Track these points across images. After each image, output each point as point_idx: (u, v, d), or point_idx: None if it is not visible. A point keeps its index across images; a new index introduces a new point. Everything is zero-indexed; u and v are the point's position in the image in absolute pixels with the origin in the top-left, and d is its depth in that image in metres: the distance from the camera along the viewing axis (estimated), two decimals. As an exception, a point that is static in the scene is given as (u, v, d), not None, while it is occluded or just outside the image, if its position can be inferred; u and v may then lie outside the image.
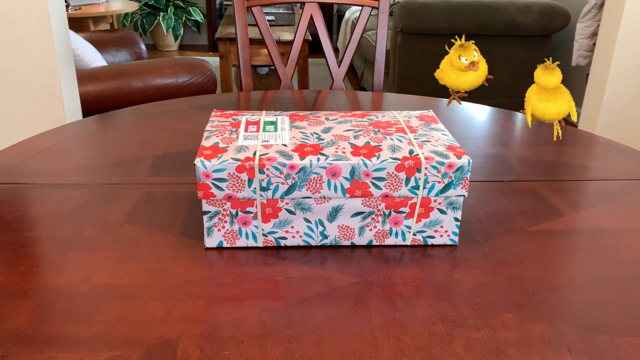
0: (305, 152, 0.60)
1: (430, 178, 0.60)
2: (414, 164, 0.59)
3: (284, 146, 0.62)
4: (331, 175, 0.59)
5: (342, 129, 0.67)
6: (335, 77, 1.43)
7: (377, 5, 1.42)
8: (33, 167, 0.84)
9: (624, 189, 0.83)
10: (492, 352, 0.49)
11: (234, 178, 0.59)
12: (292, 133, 0.65)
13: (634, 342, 0.51)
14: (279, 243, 0.63)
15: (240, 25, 1.39)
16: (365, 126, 0.69)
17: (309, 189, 0.60)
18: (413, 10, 2.93)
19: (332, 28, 5.39)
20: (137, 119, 1.07)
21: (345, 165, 0.59)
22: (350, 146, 0.62)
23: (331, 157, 0.59)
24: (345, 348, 0.49)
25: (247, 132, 0.65)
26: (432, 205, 0.63)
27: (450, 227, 0.64)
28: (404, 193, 0.61)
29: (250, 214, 0.61)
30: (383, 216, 0.63)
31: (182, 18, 5.12)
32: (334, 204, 0.62)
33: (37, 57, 1.67)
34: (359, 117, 0.72)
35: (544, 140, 1.03)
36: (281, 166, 0.58)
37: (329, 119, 0.71)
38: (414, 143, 0.63)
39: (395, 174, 0.60)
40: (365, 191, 0.60)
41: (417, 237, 0.65)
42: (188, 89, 2.05)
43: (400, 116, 0.73)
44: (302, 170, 0.58)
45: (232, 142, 0.63)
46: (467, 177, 0.61)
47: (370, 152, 0.60)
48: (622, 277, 0.61)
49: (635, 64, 2.17)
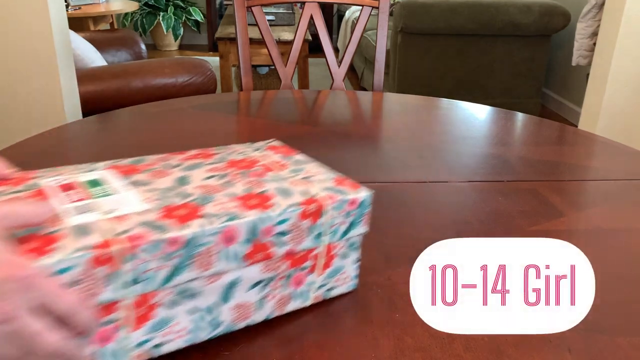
0: (182, 217, 0.43)
1: (334, 221, 0.50)
2: (317, 207, 0.48)
3: (144, 214, 0.43)
4: (226, 242, 0.44)
5: (200, 177, 0.51)
6: (335, 77, 1.43)
7: (377, 5, 1.41)
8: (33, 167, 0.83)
9: (624, 189, 0.83)
10: (493, 352, 0.49)
11: (88, 277, 0.39)
12: (140, 193, 0.47)
13: (634, 342, 0.51)
14: (155, 354, 0.45)
15: (240, 25, 1.39)
16: (225, 169, 0.53)
17: (197, 268, 0.44)
18: (413, 10, 2.92)
19: (332, 28, 5.39)
20: (137, 119, 1.07)
21: (243, 225, 0.44)
22: (231, 198, 0.47)
23: (222, 218, 0.44)
24: (345, 348, 0.49)
25: (72, 203, 0.45)
26: (335, 251, 0.53)
27: (351, 271, 0.55)
28: (307, 245, 0.50)
29: (113, 322, 0.42)
30: (284, 279, 0.50)
31: (182, 18, 5.12)
32: (229, 279, 0.47)
33: (37, 57, 1.67)
34: (204, 158, 0.56)
35: (544, 140, 1.03)
36: (156, 245, 0.41)
37: (169, 166, 0.53)
38: (298, 182, 0.52)
39: (298, 224, 0.48)
40: (267, 253, 0.47)
41: (319, 293, 0.53)
42: (188, 89, 2.05)
43: (249, 151, 0.59)
44: (188, 244, 0.42)
45: (56, 223, 0.41)
46: (368, 212, 0.52)
47: (262, 203, 0.47)
48: (623, 277, 0.61)
49: (635, 64, 2.17)
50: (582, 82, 3.23)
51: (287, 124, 1.06)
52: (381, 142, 0.99)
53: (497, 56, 3.07)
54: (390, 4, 1.49)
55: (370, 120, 1.13)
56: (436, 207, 0.76)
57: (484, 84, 3.12)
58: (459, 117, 1.14)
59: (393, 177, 0.84)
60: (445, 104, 1.22)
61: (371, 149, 0.95)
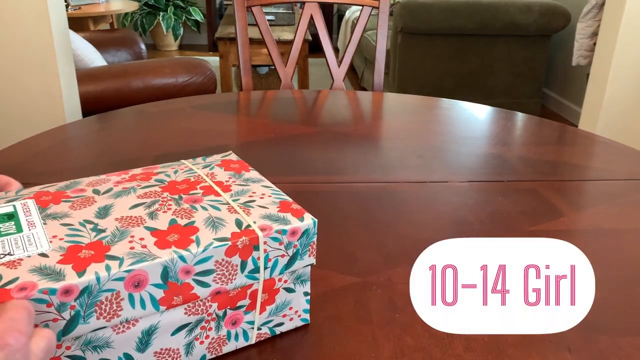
0: (83, 260, 0.39)
1: (272, 254, 0.45)
2: (249, 241, 0.43)
3: (43, 257, 0.39)
4: (133, 287, 0.39)
5: (126, 205, 0.46)
6: (335, 77, 1.43)
7: (377, 5, 1.41)
8: (33, 167, 0.83)
9: (624, 189, 0.83)
10: (493, 352, 0.49)
11: None
12: (50, 229, 0.42)
13: (634, 342, 0.51)
14: None
15: (240, 25, 1.39)
16: (159, 194, 0.48)
17: (100, 317, 0.39)
18: (413, 10, 2.92)
19: (332, 28, 5.39)
20: (137, 119, 1.07)
21: (154, 268, 0.39)
22: (150, 233, 0.42)
23: (128, 260, 0.39)
24: (345, 348, 0.49)
25: None
26: (277, 286, 0.48)
27: (301, 306, 0.50)
28: (240, 282, 0.44)
29: None
30: (216, 320, 0.45)
31: (182, 18, 5.12)
32: (144, 326, 0.42)
33: (37, 57, 1.67)
34: (142, 180, 0.51)
35: (544, 140, 1.03)
36: (47, 295, 0.36)
37: (99, 191, 0.49)
38: (236, 209, 0.46)
39: (226, 260, 0.43)
40: (188, 295, 0.42)
41: (262, 330, 0.49)
42: (188, 88, 2.05)
43: (199, 168, 0.54)
44: (84, 292, 0.37)
45: None
46: (314, 242, 0.47)
47: (183, 238, 0.42)
48: (623, 277, 0.61)
49: (635, 63, 2.17)
50: (582, 82, 3.23)
51: (287, 124, 1.06)
52: (381, 142, 0.99)
53: (497, 56, 3.07)
54: (390, 4, 1.49)
55: (370, 120, 1.13)
56: (436, 207, 0.76)
57: (484, 84, 3.12)
58: (459, 117, 1.14)
59: (393, 177, 0.84)
60: (445, 104, 1.22)
61: (371, 149, 0.95)
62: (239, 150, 0.92)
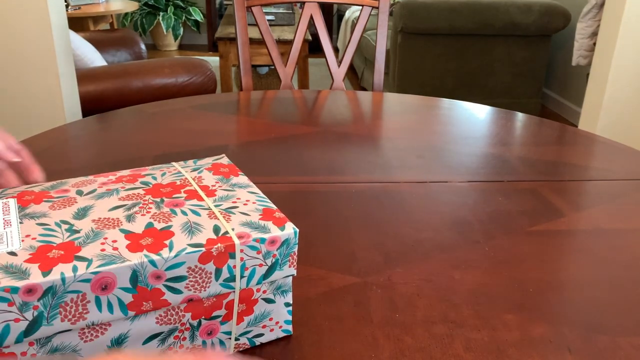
0: (51, 260, 0.38)
1: (249, 262, 0.44)
2: (225, 248, 0.42)
3: (11, 255, 0.39)
4: (100, 290, 0.39)
5: (105, 206, 0.46)
6: (335, 77, 1.43)
7: (377, 5, 1.42)
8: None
9: (624, 189, 0.83)
10: (493, 352, 0.49)
11: None
12: (25, 229, 0.42)
13: (634, 342, 0.51)
14: None
15: (240, 25, 1.39)
16: (141, 196, 0.48)
17: (65, 319, 0.38)
18: (413, 10, 2.93)
19: (332, 28, 5.39)
20: (136, 119, 1.07)
21: (122, 271, 0.39)
22: (124, 236, 0.42)
23: (96, 262, 0.39)
24: (345, 348, 0.49)
25: None
26: (256, 296, 0.46)
27: (282, 317, 0.49)
28: (215, 290, 0.43)
29: None
30: (190, 330, 0.44)
31: (181, 18, 5.12)
32: (114, 333, 0.41)
33: (37, 57, 1.67)
34: (128, 182, 0.51)
35: (544, 140, 1.03)
36: (9, 293, 0.36)
37: (82, 192, 0.48)
38: (216, 214, 0.46)
39: (200, 267, 0.41)
40: (159, 301, 0.41)
41: (240, 341, 0.47)
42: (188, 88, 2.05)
43: (187, 171, 0.54)
44: (48, 292, 0.37)
45: None
46: (294, 252, 0.45)
47: (157, 242, 0.41)
48: (623, 277, 0.61)
49: (635, 63, 2.17)
50: (582, 82, 3.23)
51: (287, 124, 1.06)
52: (381, 142, 0.99)
53: (497, 56, 3.07)
54: (390, 4, 1.49)
55: (370, 120, 1.13)
56: (436, 207, 0.76)
57: (484, 84, 3.12)
58: (459, 117, 1.14)
59: (393, 177, 0.84)
60: (446, 104, 1.22)
61: (371, 149, 0.95)
62: (239, 151, 0.92)
